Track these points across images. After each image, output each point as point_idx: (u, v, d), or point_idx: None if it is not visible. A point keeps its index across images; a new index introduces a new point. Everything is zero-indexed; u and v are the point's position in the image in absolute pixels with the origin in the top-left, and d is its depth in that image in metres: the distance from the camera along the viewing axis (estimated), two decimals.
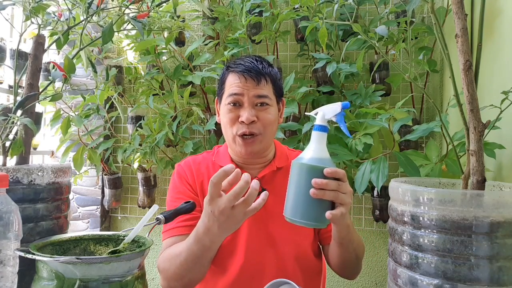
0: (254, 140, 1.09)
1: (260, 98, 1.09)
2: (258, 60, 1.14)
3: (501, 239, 0.66)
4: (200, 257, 0.95)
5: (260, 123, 1.09)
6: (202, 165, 1.20)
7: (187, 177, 1.18)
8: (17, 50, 1.27)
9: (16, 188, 0.96)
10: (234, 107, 1.10)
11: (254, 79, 1.09)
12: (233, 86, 1.10)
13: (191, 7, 2.18)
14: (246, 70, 1.10)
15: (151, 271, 2.40)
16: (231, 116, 1.10)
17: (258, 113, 1.09)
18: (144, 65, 2.25)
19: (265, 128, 1.10)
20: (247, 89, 1.09)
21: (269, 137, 1.13)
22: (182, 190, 1.17)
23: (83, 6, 1.24)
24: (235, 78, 1.11)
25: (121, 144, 2.21)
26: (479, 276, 0.66)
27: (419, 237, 0.71)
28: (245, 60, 1.13)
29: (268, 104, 1.11)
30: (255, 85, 1.09)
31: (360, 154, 1.55)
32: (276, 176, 1.16)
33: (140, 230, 0.93)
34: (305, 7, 1.80)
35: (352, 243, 1.02)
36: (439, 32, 0.92)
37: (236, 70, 1.11)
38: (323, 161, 0.81)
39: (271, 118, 1.11)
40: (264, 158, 1.18)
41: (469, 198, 0.68)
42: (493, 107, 0.91)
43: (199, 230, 0.91)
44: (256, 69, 1.10)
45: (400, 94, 2.08)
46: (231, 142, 1.13)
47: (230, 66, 1.14)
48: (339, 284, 2.18)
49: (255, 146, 1.10)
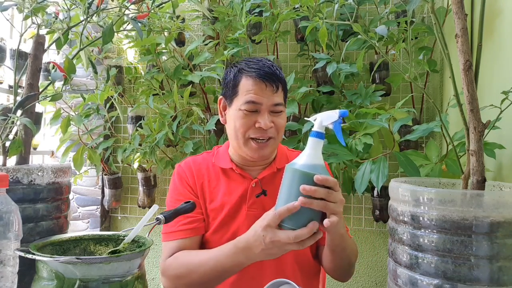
0: (268, 143, 1.10)
1: (276, 106, 1.09)
2: (273, 65, 1.12)
3: (501, 239, 0.66)
4: (229, 271, 0.96)
5: (274, 128, 1.10)
6: (202, 165, 1.20)
7: (187, 178, 1.18)
8: (17, 50, 1.27)
9: (16, 188, 0.95)
10: (250, 113, 1.08)
11: (273, 86, 1.08)
12: (251, 92, 1.07)
13: (191, 7, 2.18)
14: (265, 76, 1.07)
15: (151, 271, 2.40)
16: (246, 122, 1.08)
17: (274, 119, 1.09)
18: (144, 65, 2.25)
19: (278, 132, 1.12)
20: (267, 97, 1.07)
21: (280, 139, 1.15)
22: (183, 191, 1.17)
23: (83, 7, 1.24)
24: (252, 84, 1.07)
25: (121, 144, 2.21)
26: (479, 276, 0.66)
27: (419, 237, 0.71)
28: (260, 64, 1.10)
29: (282, 111, 1.11)
30: (273, 93, 1.08)
31: (360, 154, 1.55)
32: (276, 177, 1.16)
33: (140, 230, 0.93)
34: (305, 7, 1.80)
35: (345, 251, 1.02)
36: (439, 32, 0.92)
37: (253, 74, 1.08)
38: (315, 168, 0.81)
39: (284, 123, 1.13)
40: (266, 160, 1.17)
41: (469, 198, 0.68)
42: (493, 107, 0.91)
43: (239, 245, 0.92)
44: (275, 75, 1.09)
45: (400, 94, 2.08)
46: (242, 145, 1.11)
47: (244, 69, 1.10)
48: (339, 284, 2.18)
49: (267, 149, 1.11)
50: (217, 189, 1.16)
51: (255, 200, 1.14)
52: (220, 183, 1.17)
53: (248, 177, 1.16)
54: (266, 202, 1.14)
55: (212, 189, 1.16)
